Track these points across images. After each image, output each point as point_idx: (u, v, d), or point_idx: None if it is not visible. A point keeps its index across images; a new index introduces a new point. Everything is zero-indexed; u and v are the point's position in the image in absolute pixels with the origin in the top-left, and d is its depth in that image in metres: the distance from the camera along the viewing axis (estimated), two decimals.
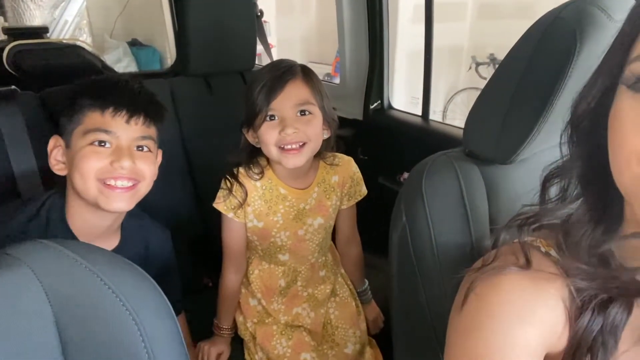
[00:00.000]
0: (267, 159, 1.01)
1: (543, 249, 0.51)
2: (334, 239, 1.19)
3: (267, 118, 0.91)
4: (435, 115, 1.46)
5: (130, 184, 0.82)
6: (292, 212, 1.03)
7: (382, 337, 1.10)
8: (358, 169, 1.10)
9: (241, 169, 1.00)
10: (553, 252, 0.50)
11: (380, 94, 1.53)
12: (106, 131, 0.80)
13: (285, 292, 1.11)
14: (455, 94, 4.25)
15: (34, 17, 3.02)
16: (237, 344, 1.14)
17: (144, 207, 1.35)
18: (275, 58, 2.37)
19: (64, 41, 2.99)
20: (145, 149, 0.85)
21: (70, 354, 0.49)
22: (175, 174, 1.41)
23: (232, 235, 1.05)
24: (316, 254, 1.11)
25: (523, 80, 0.61)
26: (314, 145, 0.95)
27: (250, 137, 0.97)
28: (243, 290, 1.13)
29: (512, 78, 0.62)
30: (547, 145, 0.68)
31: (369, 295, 1.21)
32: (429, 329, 0.63)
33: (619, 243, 0.47)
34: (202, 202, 1.44)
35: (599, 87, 0.45)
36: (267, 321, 1.10)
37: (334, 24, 1.60)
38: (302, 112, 0.92)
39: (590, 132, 0.47)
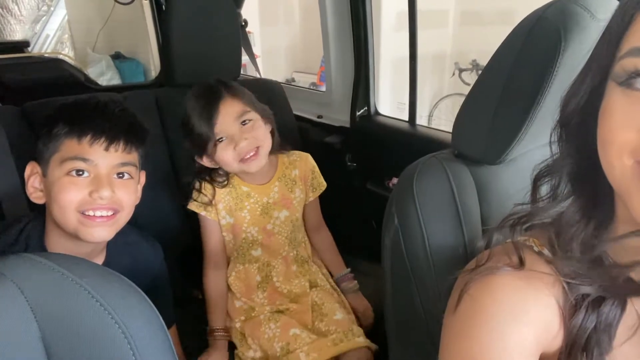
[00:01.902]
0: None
1: (536, 249, 0.51)
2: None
3: (218, 142, 1.00)
4: (421, 120, 1.46)
5: (110, 213, 0.79)
6: (257, 207, 1.11)
7: (377, 339, 1.09)
8: (315, 164, 1.19)
9: (204, 184, 1.10)
10: (546, 251, 0.50)
11: (366, 101, 1.53)
12: (84, 159, 0.76)
13: (264, 287, 1.14)
14: (440, 100, 4.29)
15: (15, 32, 2.99)
16: (231, 349, 1.13)
17: (132, 220, 1.33)
18: (260, 68, 2.37)
19: (46, 55, 2.96)
20: (126, 175, 0.82)
21: None
22: (163, 186, 1.39)
23: (209, 235, 1.13)
24: (287, 247, 1.17)
25: (509, 80, 0.61)
26: (267, 145, 1.05)
27: (206, 162, 1.06)
28: (228, 295, 1.16)
29: (498, 78, 0.62)
30: (536, 144, 0.68)
31: (355, 285, 1.22)
32: (423, 331, 0.63)
33: (609, 240, 0.47)
34: (189, 213, 1.43)
35: (587, 84, 0.45)
36: (253, 314, 1.12)
37: (317, 34, 1.61)
38: (244, 122, 1.01)
39: (580, 129, 0.47)
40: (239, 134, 0.99)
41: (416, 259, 0.63)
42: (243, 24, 1.74)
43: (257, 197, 1.11)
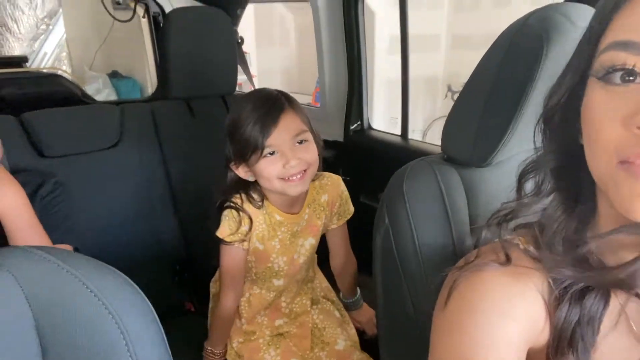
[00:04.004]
0: (260, 188, 1.00)
1: (522, 246, 0.52)
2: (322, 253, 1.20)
3: (267, 154, 0.90)
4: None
5: None
6: (287, 237, 1.03)
7: (369, 343, 1.09)
8: (345, 188, 1.12)
9: (243, 197, 0.99)
10: (531, 248, 0.52)
11: (360, 115, 1.56)
12: None
13: (268, 306, 1.11)
14: (433, 121, 4.35)
15: (13, 49, 3.02)
16: None
17: (124, 229, 1.34)
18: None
19: (44, 70, 2.98)
20: None
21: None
22: (157, 197, 1.40)
23: (234, 263, 1.03)
24: (303, 272, 1.12)
25: (494, 85, 0.64)
26: (314, 169, 0.96)
27: (241, 172, 0.96)
28: None
29: (484, 84, 0.65)
30: (522, 148, 0.70)
31: (361, 302, 1.22)
32: (414, 329, 0.63)
33: (594, 237, 0.49)
34: (184, 225, 1.43)
35: (569, 81, 0.47)
36: (252, 338, 1.09)
37: (312, 56, 1.64)
38: (299, 142, 0.92)
39: (562, 125, 0.49)
40: (292, 152, 0.90)
41: (406, 256, 0.64)
42: (239, 41, 1.78)
43: (289, 226, 1.03)
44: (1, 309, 0.47)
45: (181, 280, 1.42)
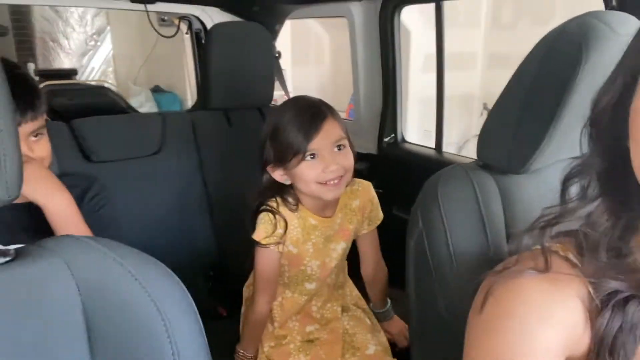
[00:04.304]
0: (295, 192, 1.03)
1: (562, 253, 0.51)
2: (351, 262, 1.21)
3: (308, 157, 0.94)
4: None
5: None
6: (321, 240, 1.06)
7: (400, 355, 1.08)
8: (375, 194, 1.14)
9: (279, 200, 1.02)
10: (571, 256, 0.51)
11: (393, 128, 1.57)
12: None
13: (300, 310, 1.12)
14: (468, 140, 4.30)
15: (63, 64, 3.19)
16: None
17: (161, 234, 1.38)
18: None
19: (92, 82, 3.14)
20: (40, 135, 0.93)
21: (95, 342, 0.50)
22: (194, 204, 1.44)
23: (269, 267, 1.05)
24: (333, 276, 1.13)
25: (531, 91, 0.64)
26: (350, 175, 1.00)
27: (277, 175, 0.99)
28: None
29: (521, 90, 0.65)
30: (560, 157, 0.69)
31: (391, 313, 1.22)
32: (448, 333, 0.63)
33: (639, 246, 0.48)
34: (218, 232, 1.47)
35: (619, 83, 0.46)
36: (283, 342, 1.10)
37: (346, 75, 1.68)
38: (338, 147, 0.97)
39: (610, 128, 0.48)
40: (332, 157, 0.94)
41: (440, 261, 0.64)
42: (277, 55, 1.83)
43: (323, 229, 1.05)
44: (53, 292, 0.50)
45: (214, 285, 1.44)
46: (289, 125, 0.94)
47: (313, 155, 0.94)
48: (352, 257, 1.23)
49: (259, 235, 1.01)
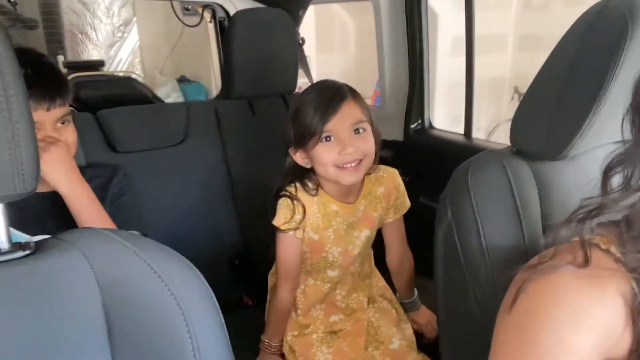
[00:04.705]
0: (316, 177, 1.02)
1: (603, 246, 0.48)
2: (378, 252, 1.19)
3: (323, 139, 0.93)
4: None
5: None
6: (343, 227, 1.04)
7: (427, 345, 1.05)
8: (402, 182, 1.11)
9: (297, 185, 1.01)
10: (613, 249, 0.47)
11: (421, 114, 1.53)
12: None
13: (324, 299, 1.11)
14: (498, 125, 4.18)
15: (91, 56, 3.24)
16: None
17: (186, 224, 1.38)
18: None
19: (119, 74, 3.18)
20: (67, 122, 0.94)
21: (115, 336, 0.49)
22: (218, 193, 1.44)
23: (290, 253, 1.04)
24: (357, 264, 1.12)
25: (572, 71, 0.59)
26: (369, 161, 0.97)
27: (298, 158, 0.99)
28: None
29: (560, 70, 0.61)
30: (601, 142, 0.65)
31: (418, 303, 1.20)
32: (478, 329, 0.60)
33: None
34: (243, 221, 1.46)
35: None
36: (306, 332, 1.09)
37: (371, 61, 1.64)
38: (357, 131, 0.94)
39: None
40: (349, 139, 0.92)
41: (471, 252, 0.60)
42: (301, 41, 1.79)
43: (345, 216, 1.04)
44: (72, 285, 0.49)
45: (240, 275, 1.44)
46: (308, 106, 0.93)
47: (329, 137, 0.93)
48: (378, 246, 1.20)
49: (278, 220, 1.01)
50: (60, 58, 3.03)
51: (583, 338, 0.43)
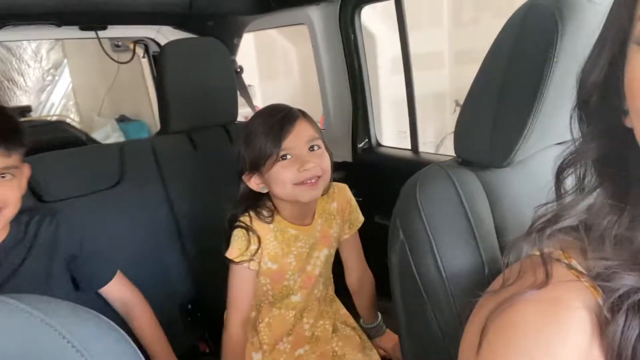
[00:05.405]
0: (272, 203, 1.01)
1: (564, 260, 0.45)
2: (336, 280, 1.16)
3: (280, 159, 0.93)
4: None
5: None
6: (305, 251, 1.03)
7: None
8: (352, 196, 1.11)
9: (251, 214, 0.99)
10: (574, 263, 0.44)
11: (367, 133, 1.51)
12: None
13: (291, 330, 1.07)
14: (444, 137, 4.29)
15: (21, 102, 3.06)
16: None
17: (131, 270, 1.28)
18: None
19: (51, 119, 3.01)
20: (8, 176, 0.88)
21: None
22: (162, 236, 1.35)
23: (242, 286, 1.01)
24: (321, 287, 1.09)
25: (508, 73, 0.57)
26: (327, 178, 0.98)
27: (252, 184, 0.98)
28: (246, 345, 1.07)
29: (496, 74, 0.59)
30: (545, 144, 0.63)
31: (383, 328, 1.17)
32: (444, 355, 0.55)
33: None
34: (192, 262, 1.37)
35: (606, 54, 0.41)
36: None
37: (316, 86, 1.63)
38: (312, 148, 0.95)
39: (602, 106, 0.42)
40: (307, 155, 0.93)
41: (427, 275, 0.56)
42: (238, 70, 1.75)
43: (305, 240, 1.03)
44: None
45: (194, 320, 1.35)
46: (260, 129, 0.93)
47: (286, 156, 0.93)
48: (338, 273, 1.16)
49: (232, 253, 0.98)
50: None
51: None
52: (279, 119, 0.93)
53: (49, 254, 0.98)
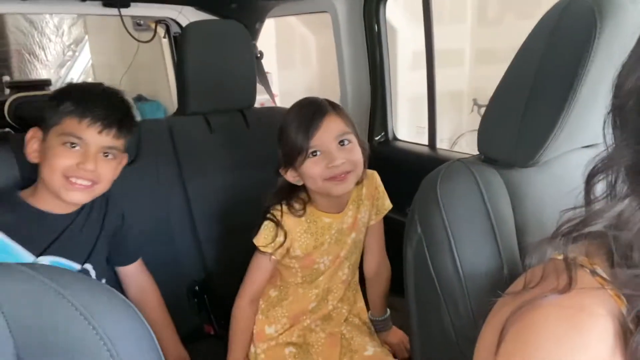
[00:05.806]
0: (307, 194, 1.03)
1: (589, 267, 0.43)
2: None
3: (310, 155, 0.94)
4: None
5: (89, 183, 0.92)
6: (335, 237, 1.05)
7: None
8: (381, 182, 1.12)
9: (283, 207, 1.02)
10: (599, 270, 0.43)
11: (384, 126, 1.49)
12: (79, 137, 0.89)
13: (315, 310, 1.10)
14: (460, 136, 4.24)
15: (41, 76, 3.08)
16: None
17: (142, 248, 1.29)
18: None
19: None
20: (110, 156, 0.95)
21: None
22: (174, 215, 1.35)
23: (259, 272, 1.06)
24: (346, 270, 1.11)
25: (540, 71, 0.56)
26: (358, 172, 0.98)
27: (289, 177, 1.00)
28: (260, 317, 1.10)
29: (528, 71, 0.57)
30: (573, 146, 0.62)
31: (390, 324, 1.18)
32: (455, 355, 0.54)
33: None
34: (202, 244, 1.37)
35: None
36: (277, 343, 1.07)
37: (334, 76, 1.61)
38: (342, 142, 0.95)
39: (638, 113, 0.40)
40: (336, 152, 0.94)
41: (444, 272, 0.55)
42: (258, 55, 1.74)
43: (337, 226, 1.04)
44: None
45: (201, 302, 1.35)
46: (292, 125, 0.95)
47: (316, 152, 0.94)
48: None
49: (258, 240, 1.01)
50: (6, 78, 2.86)
51: None
52: (309, 114, 0.94)
53: (99, 229, 1.03)
